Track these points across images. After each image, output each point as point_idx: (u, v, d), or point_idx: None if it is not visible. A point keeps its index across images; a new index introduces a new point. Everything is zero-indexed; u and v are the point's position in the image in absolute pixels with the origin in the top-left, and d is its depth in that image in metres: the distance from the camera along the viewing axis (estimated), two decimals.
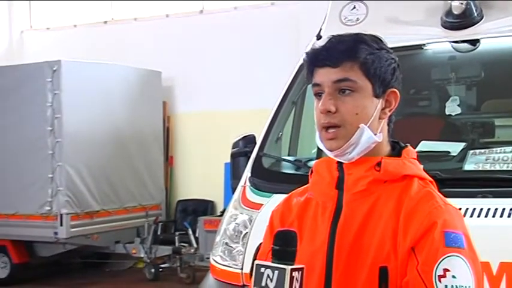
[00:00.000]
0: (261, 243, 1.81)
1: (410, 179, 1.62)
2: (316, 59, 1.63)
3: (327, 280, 1.58)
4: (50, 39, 11.07)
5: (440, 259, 1.48)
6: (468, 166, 3.06)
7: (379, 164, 1.60)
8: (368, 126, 1.59)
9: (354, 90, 1.59)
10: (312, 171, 1.74)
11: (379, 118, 1.63)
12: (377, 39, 1.67)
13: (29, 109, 8.64)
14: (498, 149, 3.13)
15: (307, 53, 1.66)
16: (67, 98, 8.51)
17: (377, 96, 1.62)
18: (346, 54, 1.59)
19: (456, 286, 1.47)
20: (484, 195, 2.66)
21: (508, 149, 3.11)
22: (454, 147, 3.18)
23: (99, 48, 10.14)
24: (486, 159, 3.08)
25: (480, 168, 3.04)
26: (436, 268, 1.48)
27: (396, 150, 1.68)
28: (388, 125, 1.67)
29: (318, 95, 1.63)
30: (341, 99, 1.59)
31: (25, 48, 11.22)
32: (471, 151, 3.16)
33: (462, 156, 3.13)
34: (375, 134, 1.61)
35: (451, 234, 1.52)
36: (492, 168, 3.04)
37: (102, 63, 9.21)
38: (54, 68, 8.49)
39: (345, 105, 1.59)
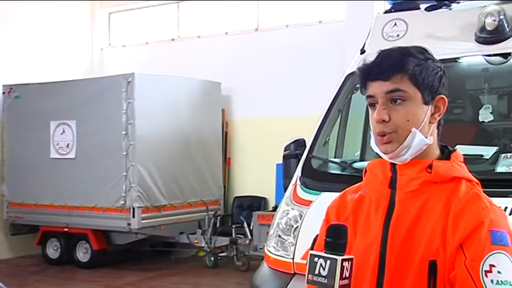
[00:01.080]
0: (317, 235, 1.77)
1: (459, 181, 1.59)
2: (368, 74, 1.62)
3: (380, 271, 1.56)
4: (125, 55, 11.24)
5: (487, 255, 1.45)
6: (500, 168, 3.01)
7: (430, 166, 1.58)
8: (419, 130, 1.57)
9: (404, 99, 1.57)
10: (365, 171, 1.72)
11: (429, 123, 1.60)
12: (423, 51, 1.64)
13: (107, 116, 8.81)
14: None
15: (359, 68, 1.65)
16: (139, 106, 8.63)
17: (426, 103, 1.59)
18: (395, 67, 1.58)
19: (501, 281, 1.43)
20: None
21: None
22: (487, 151, 3.13)
23: (167, 63, 10.24)
24: None
25: (511, 171, 2.99)
26: (483, 264, 1.45)
27: (445, 154, 1.65)
28: (437, 128, 1.64)
29: (372, 105, 1.62)
30: (393, 108, 1.57)
31: (104, 63, 11.40)
32: (503, 155, 3.12)
33: (494, 159, 3.08)
34: (426, 137, 1.59)
35: (497, 233, 1.48)
36: None
37: (169, 75, 9.31)
38: (129, 80, 8.63)
39: (397, 113, 1.57)
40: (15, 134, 9.70)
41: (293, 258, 3.17)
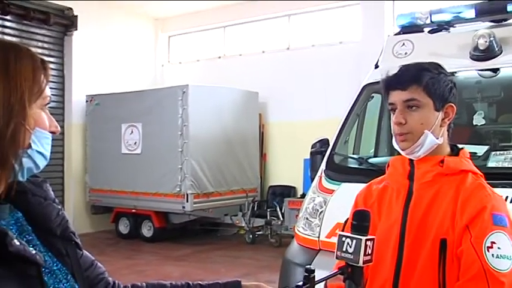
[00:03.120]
0: (347, 219, 1.78)
1: (466, 173, 1.59)
2: (389, 84, 1.63)
3: (400, 247, 1.58)
4: (181, 70, 11.35)
5: (489, 234, 1.46)
6: (491, 164, 2.97)
7: (442, 161, 1.58)
8: (431, 132, 1.57)
9: (419, 106, 1.57)
10: (388, 165, 1.73)
11: (440, 126, 1.60)
12: (437, 66, 1.64)
13: (166, 119, 8.89)
14: None
15: (382, 80, 1.66)
16: (192, 112, 8.70)
17: (437, 110, 1.59)
18: (412, 80, 1.58)
19: (500, 255, 1.44)
20: (504, 186, 2.56)
21: None
22: (480, 149, 3.08)
23: (214, 76, 10.30)
24: (505, 159, 3.00)
25: (500, 165, 2.95)
26: (486, 241, 1.45)
27: (455, 151, 1.65)
28: (447, 130, 1.64)
29: (393, 110, 1.62)
30: (409, 113, 1.58)
31: (164, 77, 11.52)
32: (493, 152, 3.07)
33: (486, 156, 3.03)
34: (437, 138, 1.59)
35: (497, 216, 1.49)
36: (509, 166, 2.94)
37: (216, 86, 9.36)
38: (184, 90, 8.71)
39: (412, 118, 1.58)
40: (95, 134, 9.89)
41: (318, 237, 3.16)
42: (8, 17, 9.06)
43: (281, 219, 8.57)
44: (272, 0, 9.88)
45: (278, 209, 8.72)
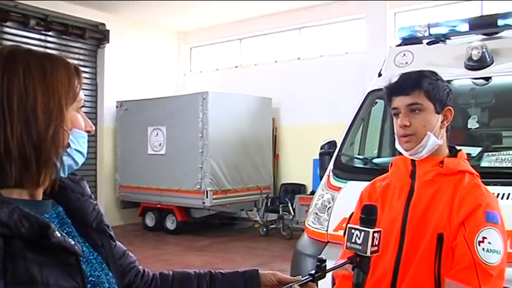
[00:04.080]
0: (352, 213, 1.79)
1: (463, 174, 1.58)
2: (393, 91, 1.62)
3: (401, 240, 1.57)
4: (201, 78, 11.35)
5: (481, 230, 1.45)
6: (484, 163, 2.94)
7: (442, 162, 1.57)
8: (432, 134, 1.56)
9: (421, 110, 1.57)
10: (391, 164, 1.72)
11: (440, 128, 1.59)
12: (434, 73, 1.64)
13: (188, 123, 8.90)
14: (504, 152, 3.02)
15: (386, 87, 1.65)
16: (211, 116, 8.70)
17: (438, 112, 1.59)
18: (414, 86, 1.57)
19: (490, 249, 1.44)
20: (495, 184, 2.54)
21: (511, 152, 2.99)
22: (474, 151, 3.06)
23: (231, 84, 10.30)
24: (496, 159, 2.98)
25: (492, 165, 2.93)
26: (477, 236, 1.45)
27: (453, 153, 1.64)
28: (446, 132, 1.63)
29: (396, 114, 1.61)
30: (413, 116, 1.57)
31: (186, 84, 11.54)
32: (486, 153, 3.05)
33: (479, 157, 3.01)
34: (438, 139, 1.58)
35: (490, 213, 1.48)
36: (500, 165, 2.92)
37: (233, 93, 9.35)
38: (204, 97, 8.73)
39: (415, 120, 1.57)
40: (125, 136, 9.94)
41: (327, 230, 3.16)
42: (50, 33, 9.29)
43: (292, 214, 8.54)
44: (284, 14, 9.89)
45: (289, 204, 8.69)
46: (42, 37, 9.19)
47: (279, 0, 9.20)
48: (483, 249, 1.43)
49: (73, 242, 0.96)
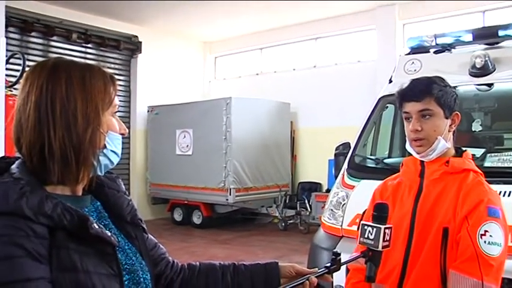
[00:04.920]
0: (365, 210, 1.79)
1: (468, 172, 1.57)
2: (404, 96, 1.60)
3: (410, 234, 1.56)
4: (225, 85, 11.38)
5: (483, 224, 1.44)
6: (487, 164, 2.90)
7: (447, 162, 1.56)
8: (442, 138, 1.55)
9: (431, 115, 1.55)
10: (402, 165, 1.71)
11: (448, 132, 1.58)
12: (442, 79, 1.62)
13: (213, 126, 8.92)
14: (506, 153, 2.99)
15: (397, 92, 1.63)
16: (234, 119, 8.71)
17: (446, 117, 1.57)
18: (425, 92, 1.56)
19: (492, 242, 1.42)
20: (497, 183, 2.50)
21: None
22: (478, 152, 3.01)
23: (253, 90, 10.29)
24: (498, 159, 2.94)
25: (495, 165, 2.89)
26: (480, 229, 1.44)
27: (459, 153, 1.62)
28: (453, 135, 1.61)
29: (407, 119, 1.60)
30: (423, 121, 1.56)
31: (211, 90, 11.58)
32: (489, 154, 3.01)
33: (483, 157, 2.97)
34: (446, 142, 1.57)
35: (492, 208, 1.47)
36: (502, 165, 2.88)
37: (254, 98, 9.36)
38: (227, 102, 8.75)
39: (426, 125, 1.55)
40: (155, 138, 10.02)
41: (341, 226, 3.13)
42: (89, 45, 9.52)
43: (309, 210, 8.50)
44: (301, 26, 9.87)
45: (306, 201, 8.66)
46: (83, 49, 9.40)
47: (297, 13, 9.20)
48: (485, 241, 1.42)
49: (109, 234, 0.98)
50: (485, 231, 1.43)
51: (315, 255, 3.18)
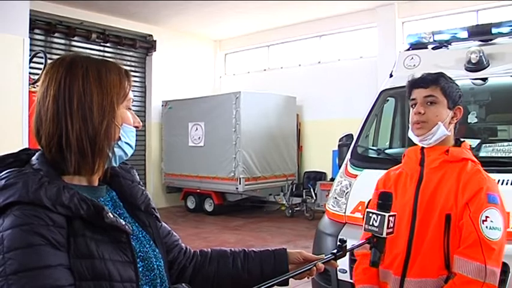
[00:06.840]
0: (370, 199, 1.78)
1: (466, 161, 1.56)
2: (414, 84, 1.61)
3: (412, 221, 1.55)
4: (235, 80, 11.36)
5: (484, 210, 1.44)
6: (482, 154, 2.88)
7: (447, 151, 1.55)
8: (443, 124, 1.55)
9: (436, 102, 1.56)
10: (404, 155, 1.70)
11: (449, 123, 1.57)
12: (449, 77, 1.62)
13: (223, 119, 8.92)
14: (499, 144, 2.95)
15: (409, 81, 1.64)
16: (243, 113, 8.70)
17: (449, 108, 1.57)
18: (433, 81, 1.57)
19: (493, 227, 1.42)
20: (491, 172, 2.47)
21: (505, 143, 2.93)
22: (474, 142, 2.98)
23: (261, 84, 10.28)
24: (492, 150, 2.91)
25: (489, 155, 2.86)
26: (481, 215, 1.43)
27: (458, 144, 1.62)
28: (454, 128, 1.60)
29: (413, 105, 1.60)
30: (428, 107, 1.56)
31: (222, 85, 11.57)
32: (483, 144, 2.98)
33: (478, 148, 2.94)
34: (447, 130, 1.56)
35: (491, 195, 1.47)
36: (496, 155, 2.85)
37: (262, 93, 9.33)
38: (237, 96, 8.73)
39: (429, 110, 1.55)
40: (169, 131, 10.04)
41: (345, 213, 3.12)
42: (107, 44, 9.57)
43: (314, 198, 8.51)
44: (306, 24, 9.80)
45: (312, 190, 8.66)
46: (101, 48, 9.45)
47: (302, 12, 9.13)
48: (486, 227, 1.42)
49: (124, 222, 0.97)
50: (486, 216, 1.43)
51: (320, 241, 3.18)
